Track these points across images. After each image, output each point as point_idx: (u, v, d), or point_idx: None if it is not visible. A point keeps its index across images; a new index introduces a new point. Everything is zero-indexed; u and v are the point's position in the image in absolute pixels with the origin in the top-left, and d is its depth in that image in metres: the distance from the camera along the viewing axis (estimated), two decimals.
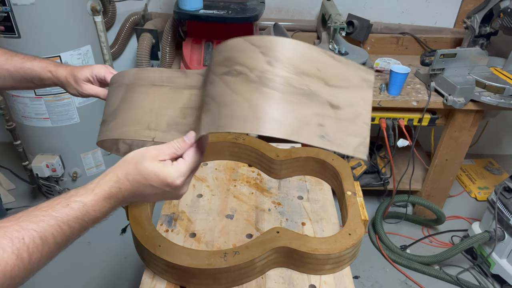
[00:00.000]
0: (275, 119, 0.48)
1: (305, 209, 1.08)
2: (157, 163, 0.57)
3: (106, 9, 2.01)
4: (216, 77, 0.53)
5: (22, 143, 1.94)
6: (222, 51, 0.54)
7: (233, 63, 0.51)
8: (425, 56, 1.94)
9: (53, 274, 1.71)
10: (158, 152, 0.58)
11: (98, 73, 0.81)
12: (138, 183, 0.57)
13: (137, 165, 0.57)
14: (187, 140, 0.59)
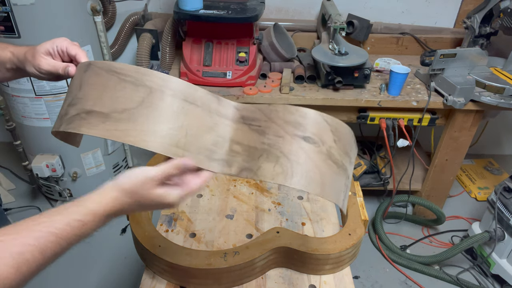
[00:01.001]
0: (335, 189, 0.64)
1: (305, 209, 1.08)
2: (159, 190, 0.60)
3: (106, 9, 2.01)
4: (287, 135, 0.61)
5: (22, 143, 1.94)
6: (293, 113, 0.62)
7: (306, 130, 0.62)
8: (425, 56, 1.94)
9: (53, 274, 1.71)
10: (156, 180, 0.60)
11: (60, 44, 0.71)
12: (141, 206, 0.61)
13: (144, 197, 0.60)
14: (184, 162, 0.60)
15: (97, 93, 0.63)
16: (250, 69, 1.72)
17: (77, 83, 0.66)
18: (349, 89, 1.73)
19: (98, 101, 0.62)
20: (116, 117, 0.61)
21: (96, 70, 0.64)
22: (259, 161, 0.61)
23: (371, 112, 1.74)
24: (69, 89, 0.69)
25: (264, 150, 0.61)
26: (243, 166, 0.62)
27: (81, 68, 0.67)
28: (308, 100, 1.67)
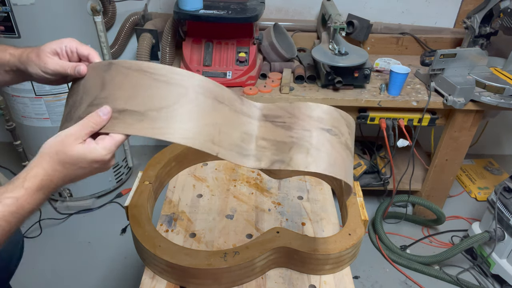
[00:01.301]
0: (351, 173, 0.75)
1: (305, 209, 1.08)
2: (80, 146, 0.60)
3: (106, 9, 2.01)
4: (313, 128, 0.68)
5: (22, 143, 1.94)
6: (314, 109, 0.69)
7: (328, 124, 0.69)
8: (425, 56, 1.94)
9: (52, 274, 1.71)
10: (75, 135, 0.60)
11: (69, 45, 0.69)
12: (67, 169, 0.60)
13: (60, 155, 0.59)
14: (102, 115, 0.61)
15: (128, 92, 0.63)
16: (250, 69, 1.72)
17: (97, 83, 0.65)
18: (349, 89, 1.73)
19: (131, 100, 0.63)
20: (153, 115, 0.62)
21: (122, 70, 0.64)
22: (290, 153, 0.67)
23: (371, 112, 1.74)
24: (83, 89, 0.67)
25: (294, 143, 0.67)
26: (274, 159, 0.67)
27: (99, 68, 0.66)
28: (308, 100, 1.67)
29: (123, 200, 2.08)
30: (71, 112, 0.67)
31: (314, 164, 0.66)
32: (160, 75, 0.64)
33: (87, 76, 0.67)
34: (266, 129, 0.69)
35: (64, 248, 1.83)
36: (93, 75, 0.66)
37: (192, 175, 1.19)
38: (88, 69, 0.68)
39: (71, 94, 0.70)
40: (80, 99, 0.66)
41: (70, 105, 0.69)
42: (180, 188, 1.13)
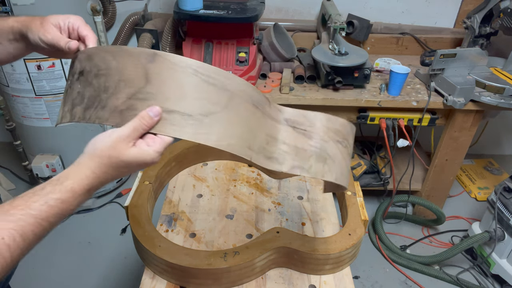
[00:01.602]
0: (348, 179, 0.79)
1: (305, 209, 1.08)
2: (133, 150, 0.59)
3: (106, 9, 2.01)
4: (331, 140, 0.73)
5: (22, 143, 1.94)
6: (334, 122, 0.74)
7: (342, 136, 0.74)
8: (425, 56, 1.94)
9: (53, 274, 1.71)
10: (128, 138, 0.58)
11: (73, 21, 0.69)
12: (117, 171, 0.60)
13: (112, 159, 0.58)
14: (154, 117, 0.59)
15: (178, 92, 0.60)
16: (250, 69, 1.72)
17: (139, 73, 0.60)
18: (349, 89, 1.73)
19: (181, 101, 0.60)
20: (202, 120, 0.61)
21: (168, 65, 0.60)
22: (309, 160, 0.70)
23: (371, 112, 1.74)
24: (118, 75, 0.61)
25: (314, 152, 0.70)
26: (294, 164, 0.69)
27: (140, 56, 0.61)
28: (308, 100, 1.68)
29: (123, 200, 2.08)
30: (101, 96, 0.62)
31: (329, 173, 0.71)
32: (210, 77, 0.62)
33: (120, 60, 0.61)
34: (288, 134, 0.71)
35: (64, 248, 1.83)
36: (131, 62, 0.61)
37: (192, 175, 1.19)
38: (124, 55, 0.62)
39: (91, 71, 0.64)
40: (115, 86, 0.61)
41: (95, 86, 0.62)
42: (180, 188, 1.13)
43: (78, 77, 0.64)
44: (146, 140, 0.60)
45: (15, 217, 0.49)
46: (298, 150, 0.70)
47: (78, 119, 0.63)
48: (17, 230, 0.49)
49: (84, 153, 0.59)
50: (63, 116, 0.66)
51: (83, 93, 0.63)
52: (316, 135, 0.71)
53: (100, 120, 0.61)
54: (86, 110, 0.62)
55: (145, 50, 0.61)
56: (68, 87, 0.67)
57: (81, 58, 0.65)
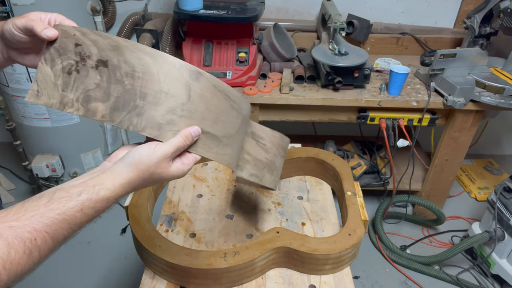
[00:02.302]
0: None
1: (305, 209, 1.08)
2: (172, 168, 0.61)
3: (106, 9, 2.01)
4: (279, 155, 0.89)
5: (22, 143, 1.94)
6: (283, 140, 0.92)
7: (285, 152, 0.93)
8: (425, 56, 1.94)
9: (53, 274, 1.71)
10: (171, 157, 0.60)
11: (56, 16, 0.65)
12: (151, 184, 0.62)
13: (154, 176, 0.59)
14: (194, 137, 0.61)
15: (213, 115, 0.63)
16: (250, 69, 1.72)
17: (181, 88, 0.59)
18: (349, 89, 1.73)
19: (215, 124, 0.63)
20: (224, 141, 0.66)
21: (210, 87, 0.62)
22: (263, 171, 0.81)
23: (371, 112, 1.74)
24: (158, 81, 0.58)
25: (267, 164, 0.83)
26: (251, 173, 0.78)
27: (183, 70, 0.59)
28: (308, 100, 1.68)
29: (123, 200, 2.07)
30: (136, 102, 0.58)
31: (273, 182, 0.85)
32: (234, 102, 0.66)
33: (162, 68, 0.58)
34: (251, 146, 0.79)
35: (64, 248, 1.83)
36: (173, 74, 0.59)
37: (192, 175, 1.19)
38: (174, 69, 0.58)
39: (120, 67, 0.58)
40: (155, 95, 0.58)
41: (128, 87, 0.58)
42: (180, 188, 1.13)
43: (96, 65, 0.58)
44: (182, 159, 0.62)
45: (50, 220, 0.50)
46: (256, 161, 0.80)
47: (102, 118, 0.58)
48: (49, 233, 0.50)
49: (125, 163, 0.58)
50: (66, 103, 0.59)
51: (108, 89, 0.58)
52: (271, 150, 0.84)
53: (135, 128, 0.58)
54: (114, 111, 0.58)
55: (187, 65, 0.60)
56: (73, 69, 0.59)
57: (101, 45, 0.58)
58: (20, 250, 0.46)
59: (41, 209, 0.51)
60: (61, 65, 0.59)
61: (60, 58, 0.59)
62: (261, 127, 0.83)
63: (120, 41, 0.58)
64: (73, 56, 0.59)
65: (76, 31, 0.60)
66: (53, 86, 0.59)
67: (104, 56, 0.58)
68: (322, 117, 1.79)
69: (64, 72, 0.59)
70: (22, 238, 0.47)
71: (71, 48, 0.59)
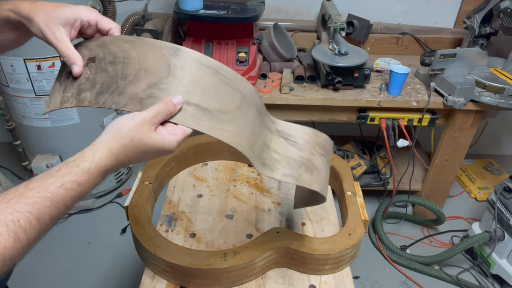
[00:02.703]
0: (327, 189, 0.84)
1: (305, 209, 1.08)
2: (155, 135, 0.59)
3: (106, 9, 2.01)
4: (317, 154, 0.78)
5: (22, 143, 1.94)
6: (320, 137, 0.81)
7: (326, 151, 0.82)
8: (425, 56, 1.94)
9: (53, 274, 1.71)
10: (151, 122, 0.58)
11: (88, 17, 0.63)
12: (137, 155, 0.59)
13: (135, 141, 0.58)
14: (177, 105, 0.60)
15: (200, 88, 0.63)
16: (250, 69, 1.72)
17: (162, 64, 0.62)
18: (349, 89, 1.73)
19: (203, 97, 0.63)
20: (219, 116, 0.64)
21: (191, 62, 0.63)
22: (299, 170, 0.75)
23: (371, 112, 1.74)
24: (138, 63, 0.62)
25: (302, 162, 0.75)
26: (285, 173, 0.73)
27: (163, 48, 0.62)
28: (308, 100, 1.68)
29: (123, 200, 2.08)
30: (118, 83, 0.62)
31: (315, 183, 0.77)
32: (227, 78, 0.65)
33: (141, 50, 0.62)
34: (279, 144, 0.75)
35: (64, 248, 1.83)
36: (153, 53, 0.62)
37: (192, 175, 1.19)
38: (148, 46, 0.62)
39: (104, 58, 0.63)
40: (135, 74, 0.62)
41: (111, 73, 0.62)
42: (180, 188, 1.13)
43: (86, 63, 0.64)
44: (167, 128, 0.61)
45: (31, 199, 0.49)
46: (288, 160, 0.74)
47: (89, 104, 0.62)
48: (33, 213, 0.48)
49: (104, 133, 0.58)
50: (64, 101, 0.64)
51: (94, 79, 0.63)
52: (305, 147, 0.77)
53: (117, 106, 0.61)
54: (99, 95, 0.62)
55: (166, 44, 0.63)
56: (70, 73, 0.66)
57: (90, 46, 0.65)
58: (4, 233, 0.45)
59: (20, 189, 0.49)
60: (64, 74, 0.67)
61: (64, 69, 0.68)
62: (288, 124, 0.79)
63: (105, 38, 0.65)
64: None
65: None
66: (58, 93, 0.66)
67: (92, 53, 0.64)
68: (322, 117, 1.79)
69: (66, 78, 0.66)
70: (4, 221, 0.45)
71: None
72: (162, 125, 0.61)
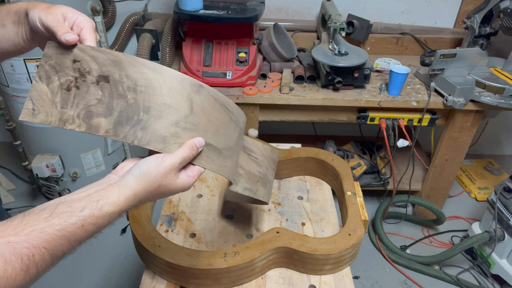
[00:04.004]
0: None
1: (305, 209, 1.08)
2: (178, 181, 0.60)
3: (106, 9, 2.01)
4: (271, 168, 0.90)
5: (22, 143, 1.94)
6: (274, 153, 0.94)
7: (275, 164, 0.95)
8: (425, 56, 1.94)
9: (53, 274, 1.71)
10: (177, 168, 0.59)
11: (83, 21, 0.61)
12: (157, 197, 0.61)
13: (161, 188, 0.59)
14: (199, 148, 0.61)
15: (214, 127, 0.63)
16: (250, 69, 1.72)
17: (184, 101, 0.59)
18: (349, 89, 1.73)
19: (216, 136, 0.64)
20: (225, 153, 0.66)
21: (211, 100, 0.63)
22: (257, 184, 0.81)
23: (371, 112, 1.74)
24: (166, 100, 0.58)
25: (260, 177, 0.83)
26: (245, 187, 0.78)
27: (184, 82, 0.60)
28: (308, 100, 1.68)
29: None
30: (139, 116, 0.58)
31: (267, 196, 0.85)
32: (233, 114, 0.67)
33: (164, 81, 0.58)
34: (244, 160, 0.79)
35: None
36: (176, 87, 0.59)
37: None
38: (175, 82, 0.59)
39: (122, 82, 0.58)
40: (158, 109, 0.58)
41: (130, 102, 0.58)
42: None
43: (97, 81, 0.58)
44: (187, 172, 0.62)
45: (49, 236, 0.49)
46: (250, 175, 0.79)
47: (106, 134, 0.58)
48: (48, 249, 0.49)
49: (130, 175, 0.57)
50: (65, 120, 0.58)
51: (110, 104, 0.58)
52: (263, 163, 0.85)
53: (139, 142, 0.58)
54: (118, 126, 0.58)
55: (188, 78, 0.61)
56: (72, 85, 0.58)
57: (100, 59, 0.58)
58: (17, 266, 0.45)
59: (41, 223, 0.49)
60: (58, 82, 0.58)
61: (57, 75, 0.58)
62: (252, 141, 0.84)
63: (121, 56, 0.58)
64: (71, 72, 0.58)
65: (72, 46, 0.59)
66: (51, 103, 0.58)
67: (105, 71, 0.58)
68: (322, 117, 1.79)
69: (63, 88, 0.58)
70: (20, 254, 0.46)
71: (69, 64, 0.58)
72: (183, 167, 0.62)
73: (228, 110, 0.66)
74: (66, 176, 1.95)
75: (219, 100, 0.64)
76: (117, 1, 2.03)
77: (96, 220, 0.53)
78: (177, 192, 0.62)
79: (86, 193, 0.54)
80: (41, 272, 0.49)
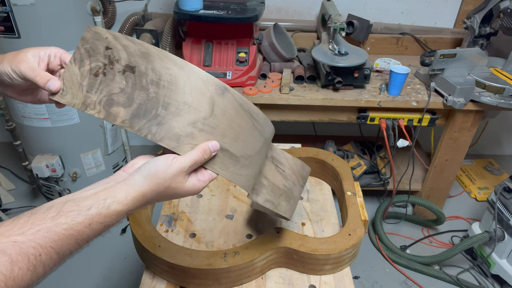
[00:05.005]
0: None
1: (305, 209, 1.08)
2: (187, 184, 0.59)
3: (106, 9, 2.01)
4: (298, 184, 0.84)
5: (22, 143, 1.94)
6: (304, 169, 0.86)
7: (305, 182, 0.87)
8: (425, 56, 1.94)
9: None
10: (187, 170, 0.58)
11: (56, 51, 0.62)
12: (165, 198, 0.60)
13: (169, 190, 0.58)
14: (213, 152, 0.59)
15: (234, 133, 0.61)
16: (250, 69, 1.72)
17: (205, 101, 0.58)
18: (349, 89, 1.73)
19: (234, 142, 0.61)
20: (242, 162, 0.63)
21: (235, 104, 0.60)
22: (279, 198, 0.76)
23: (371, 112, 1.74)
24: (186, 99, 0.57)
25: (284, 191, 0.78)
26: (267, 198, 0.74)
27: (209, 84, 0.58)
28: (308, 100, 1.68)
29: None
30: (158, 111, 0.57)
31: (289, 212, 0.80)
32: (258, 122, 0.64)
33: (189, 80, 0.58)
34: (270, 170, 0.75)
35: None
36: (199, 87, 0.58)
37: None
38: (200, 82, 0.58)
39: (147, 74, 0.58)
40: (177, 106, 0.57)
41: (152, 95, 0.57)
42: None
43: (123, 70, 0.58)
44: (197, 175, 0.60)
45: (56, 236, 0.48)
46: (274, 187, 0.75)
47: (122, 124, 0.57)
48: (55, 249, 0.48)
49: (139, 174, 0.56)
50: (88, 104, 0.58)
51: (131, 95, 0.58)
52: (290, 177, 0.80)
53: (153, 137, 0.57)
54: (135, 117, 0.57)
55: (214, 79, 0.59)
56: (100, 71, 0.59)
57: (131, 49, 0.58)
58: (24, 266, 0.45)
59: (48, 222, 0.49)
60: (89, 66, 0.59)
61: (90, 59, 0.59)
62: (283, 153, 0.79)
63: (151, 49, 0.58)
64: (102, 58, 0.59)
65: (108, 34, 0.59)
66: (78, 86, 0.59)
67: (132, 61, 0.58)
68: (322, 117, 1.79)
69: (91, 73, 0.59)
70: (27, 254, 0.46)
71: (101, 51, 0.59)
72: (194, 170, 0.60)
73: (252, 118, 0.63)
74: (66, 176, 1.95)
75: (244, 106, 0.62)
76: (117, 1, 2.03)
77: (104, 218, 0.52)
78: (186, 195, 0.60)
79: (94, 191, 0.54)
80: (48, 271, 0.49)
